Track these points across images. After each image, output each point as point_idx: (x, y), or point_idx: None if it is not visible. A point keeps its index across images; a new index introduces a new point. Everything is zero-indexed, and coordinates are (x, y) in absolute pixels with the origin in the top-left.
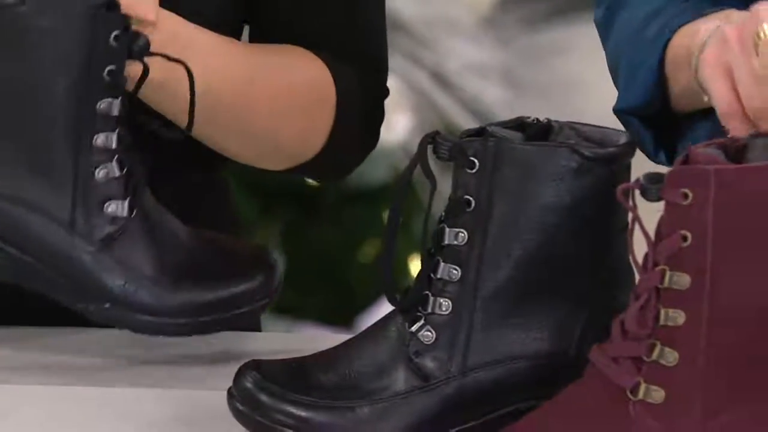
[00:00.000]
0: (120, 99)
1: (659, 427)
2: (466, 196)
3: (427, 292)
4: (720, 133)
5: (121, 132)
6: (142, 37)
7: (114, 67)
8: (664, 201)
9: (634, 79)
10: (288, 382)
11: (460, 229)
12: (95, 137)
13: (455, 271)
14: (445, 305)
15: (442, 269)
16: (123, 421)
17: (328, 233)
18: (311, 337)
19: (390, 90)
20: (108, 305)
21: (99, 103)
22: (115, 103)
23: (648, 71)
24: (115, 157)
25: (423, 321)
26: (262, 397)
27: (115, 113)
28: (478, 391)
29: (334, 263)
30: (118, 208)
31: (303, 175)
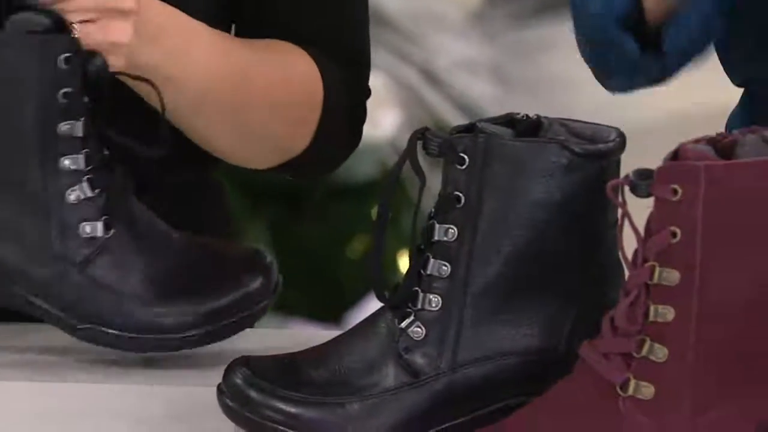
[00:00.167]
0: (83, 120)
1: (649, 423)
2: (456, 193)
3: (416, 289)
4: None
5: (89, 152)
6: (97, 58)
7: (70, 90)
8: (654, 197)
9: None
10: (278, 379)
11: (449, 226)
12: (61, 160)
13: (445, 268)
14: (435, 301)
15: (432, 265)
16: (113, 418)
17: (316, 230)
18: (301, 333)
19: (378, 86)
20: (92, 326)
21: (59, 126)
22: (77, 125)
23: None
24: (85, 177)
25: (413, 317)
26: (251, 394)
27: (79, 134)
28: (467, 387)
29: (322, 260)
30: (93, 228)
31: (288, 172)
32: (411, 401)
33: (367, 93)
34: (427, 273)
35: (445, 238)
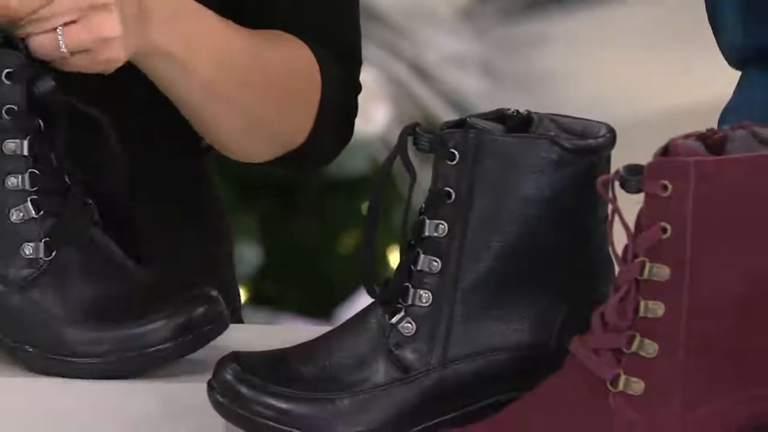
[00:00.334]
0: (28, 139)
1: (639, 419)
2: (447, 188)
3: (407, 284)
4: None
5: (37, 173)
6: (46, 79)
7: (13, 107)
8: (644, 193)
9: None
10: (268, 374)
11: (440, 221)
12: (6, 179)
13: (435, 263)
14: (426, 297)
15: (423, 261)
16: (102, 415)
17: (306, 225)
18: (291, 329)
19: (368, 81)
20: (30, 348)
21: (5, 143)
22: (23, 143)
23: None
24: (30, 198)
25: (403, 313)
26: (242, 389)
27: (25, 153)
28: (458, 382)
29: (313, 255)
30: (34, 250)
31: (284, 167)
32: (401, 397)
33: (359, 89)
34: (418, 269)
35: (435, 234)
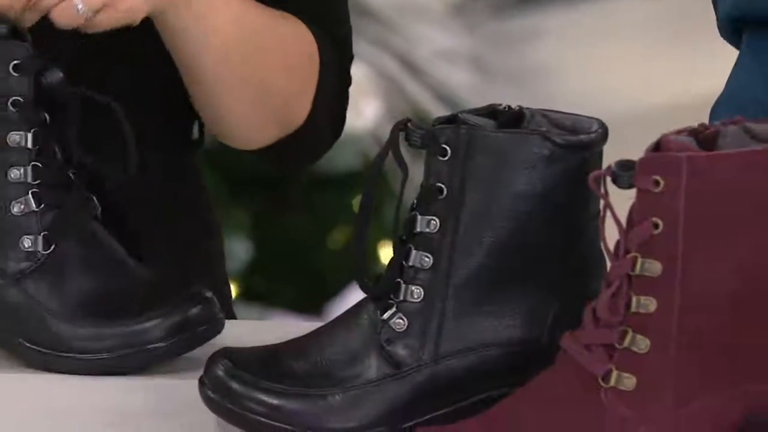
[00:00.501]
0: (33, 132)
1: (631, 414)
2: (439, 184)
3: (398, 280)
4: None
5: (40, 166)
6: (54, 71)
7: (20, 99)
8: (636, 188)
9: None
10: (259, 370)
11: (432, 217)
12: (9, 171)
13: (427, 259)
14: (417, 293)
15: (414, 257)
16: (93, 411)
17: (297, 220)
18: (282, 324)
19: (359, 76)
20: (21, 341)
21: (9, 135)
22: (27, 136)
23: None
24: (31, 191)
25: (395, 309)
26: (233, 385)
27: (29, 146)
28: (450, 378)
29: (304, 250)
30: (33, 243)
31: (277, 158)
32: (393, 393)
33: (350, 80)
34: (409, 264)
35: (427, 230)
